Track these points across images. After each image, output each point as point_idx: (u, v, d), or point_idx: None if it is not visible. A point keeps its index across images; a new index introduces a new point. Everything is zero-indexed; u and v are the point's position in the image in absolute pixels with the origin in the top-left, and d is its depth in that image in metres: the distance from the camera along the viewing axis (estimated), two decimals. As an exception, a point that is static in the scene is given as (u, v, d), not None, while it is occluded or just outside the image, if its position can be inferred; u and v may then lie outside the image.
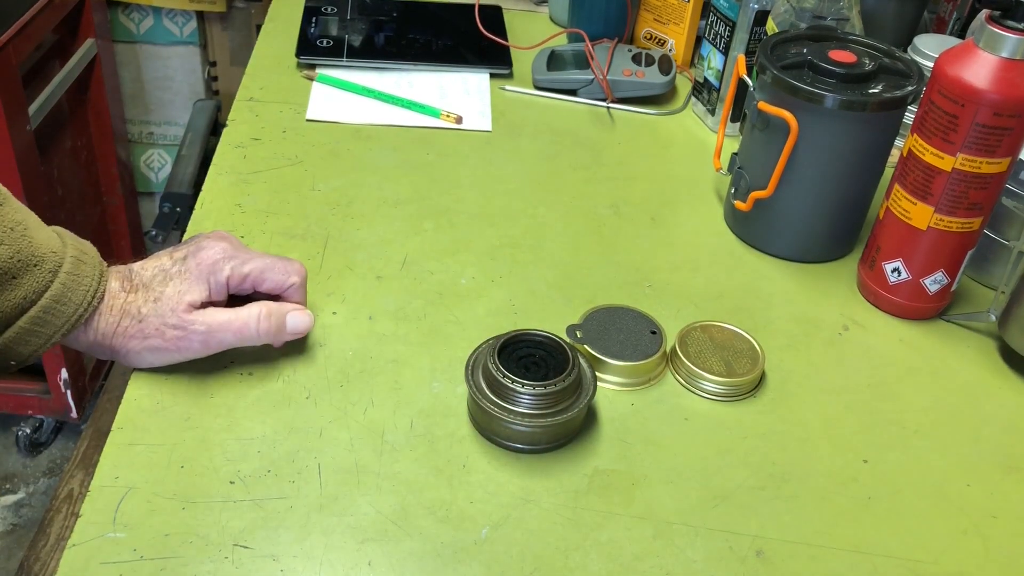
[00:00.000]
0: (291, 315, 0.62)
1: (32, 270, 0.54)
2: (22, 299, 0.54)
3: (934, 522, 0.58)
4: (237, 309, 0.60)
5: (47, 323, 0.55)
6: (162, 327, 0.58)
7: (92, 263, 0.57)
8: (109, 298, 0.58)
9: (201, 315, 0.58)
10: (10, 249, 0.53)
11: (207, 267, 0.59)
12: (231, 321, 0.59)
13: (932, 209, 0.68)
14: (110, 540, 0.51)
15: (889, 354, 0.70)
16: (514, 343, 0.61)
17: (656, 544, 0.54)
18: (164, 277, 0.59)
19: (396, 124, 0.93)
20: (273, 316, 0.60)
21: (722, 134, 0.86)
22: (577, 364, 0.59)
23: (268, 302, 0.61)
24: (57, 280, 0.55)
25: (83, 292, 0.56)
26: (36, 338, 0.55)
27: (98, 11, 1.68)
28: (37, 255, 0.54)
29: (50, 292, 0.55)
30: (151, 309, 0.58)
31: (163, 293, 0.58)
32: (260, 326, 0.60)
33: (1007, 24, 0.62)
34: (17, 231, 0.54)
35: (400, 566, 0.52)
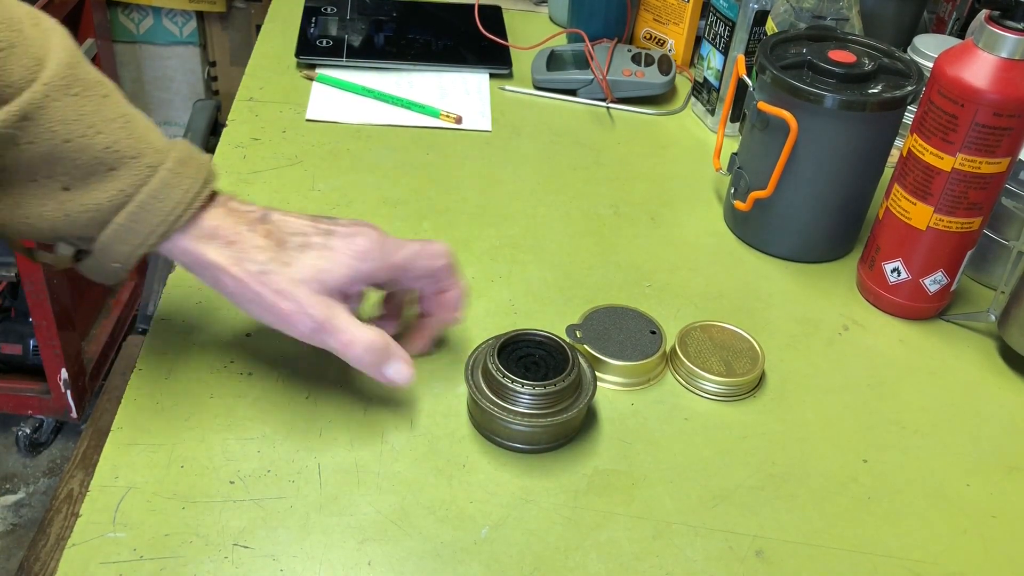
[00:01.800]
0: (396, 362, 0.57)
1: (130, 163, 0.52)
2: (118, 192, 0.51)
3: (934, 522, 0.58)
4: (355, 322, 0.55)
5: (143, 220, 0.52)
6: (280, 292, 0.54)
7: (198, 167, 0.54)
8: (222, 228, 0.54)
9: (323, 305, 0.54)
10: (107, 138, 0.51)
11: (357, 253, 0.55)
12: (343, 331, 0.54)
13: (932, 209, 0.68)
14: (110, 540, 0.52)
15: (889, 354, 0.70)
16: (514, 343, 0.60)
17: (656, 544, 0.55)
18: (303, 242, 0.55)
19: (396, 124, 0.93)
20: (379, 353, 0.56)
21: (722, 134, 0.86)
22: (577, 364, 0.59)
23: (387, 336, 0.56)
24: (156, 176, 0.52)
25: (183, 191, 0.53)
26: (134, 236, 0.52)
27: (98, 11, 1.68)
28: (136, 148, 0.52)
29: (148, 187, 0.52)
30: (277, 268, 0.54)
31: (298, 259, 0.54)
32: (363, 356, 0.55)
33: (1007, 24, 0.62)
34: (117, 122, 0.52)
35: (400, 566, 0.52)
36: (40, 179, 0.51)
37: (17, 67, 0.48)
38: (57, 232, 0.53)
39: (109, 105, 0.52)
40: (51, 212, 0.51)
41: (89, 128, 0.51)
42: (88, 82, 0.51)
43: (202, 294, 0.68)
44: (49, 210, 0.51)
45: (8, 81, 0.48)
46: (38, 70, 0.49)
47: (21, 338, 1.65)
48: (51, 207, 0.51)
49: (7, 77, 0.48)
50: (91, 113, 0.51)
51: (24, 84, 0.48)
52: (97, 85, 0.52)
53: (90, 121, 0.51)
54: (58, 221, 0.52)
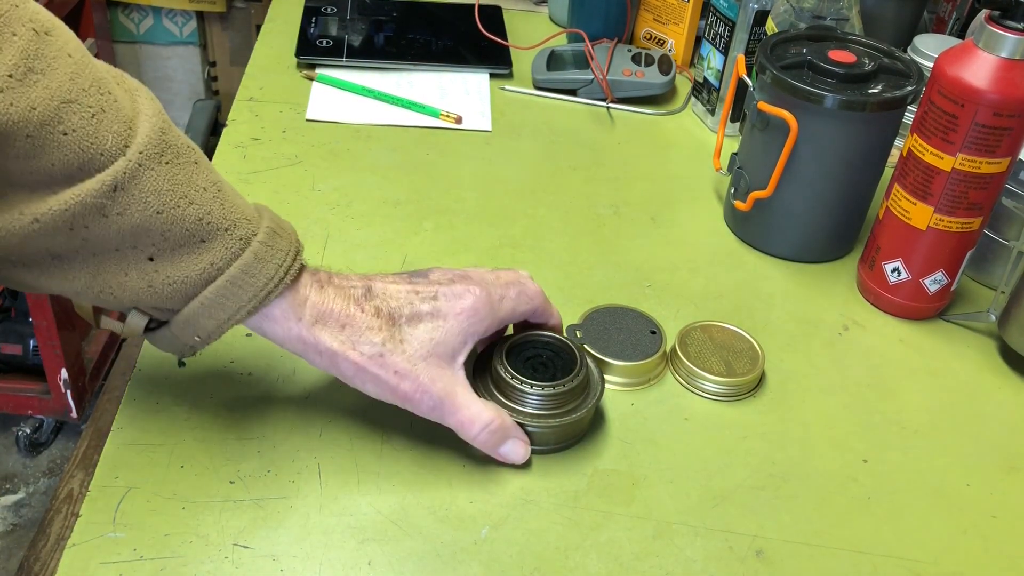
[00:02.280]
0: (512, 442, 0.56)
1: (222, 235, 0.49)
2: (208, 265, 0.49)
3: (934, 522, 0.58)
4: (474, 400, 0.55)
5: (234, 295, 0.50)
6: (399, 372, 0.53)
7: (288, 238, 0.53)
8: (333, 297, 0.53)
9: (442, 382, 0.53)
10: (200, 210, 0.49)
11: (467, 315, 0.54)
12: (462, 409, 0.54)
13: (932, 209, 0.68)
14: (110, 540, 0.52)
15: (889, 354, 0.70)
16: (522, 344, 0.60)
17: (656, 544, 0.55)
18: (413, 314, 0.54)
19: (396, 124, 0.93)
20: (498, 434, 0.55)
21: (722, 134, 0.86)
22: (585, 364, 0.59)
23: (504, 415, 0.56)
24: (249, 249, 0.50)
25: (275, 266, 0.51)
26: (222, 311, 0.50)
27: (98, 11, 1.68)
28: (229, 219, 0.50)
29: (240, 261, 0.50)
30: (393, 348, 0.53)
31: (411, 335, 0.53)
32: (480, 435, 0.55)
33: (1007, 24, 0.62)
34: (210, 191, 0.50)
35: (400, 566, 0.52)
36: (125, 249, 0.48)
37: (109, 133, 0.46)
38: (138, 302, 0.51)
39: (200, 173, 0.50)
40: (134, 282, 0.49)
41: (182, 199, 0.48)
42: (180, 149, 0.49)
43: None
44: (132, 280, 0.49)
45: (101, 148, 0.45)
46: (130, 136, 0.47)
47: (21, 338, 1.65)
48: (134, 277, 0.49)
49: (100, 144, 0.45)
50: (183, 182, 0.49)
51: (116, 151, 0.46)
52: (188, 151, 0.50)
53: (183, 191, 0.48)
54: (141, 291, 0.49)
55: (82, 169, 0.45)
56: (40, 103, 0.43)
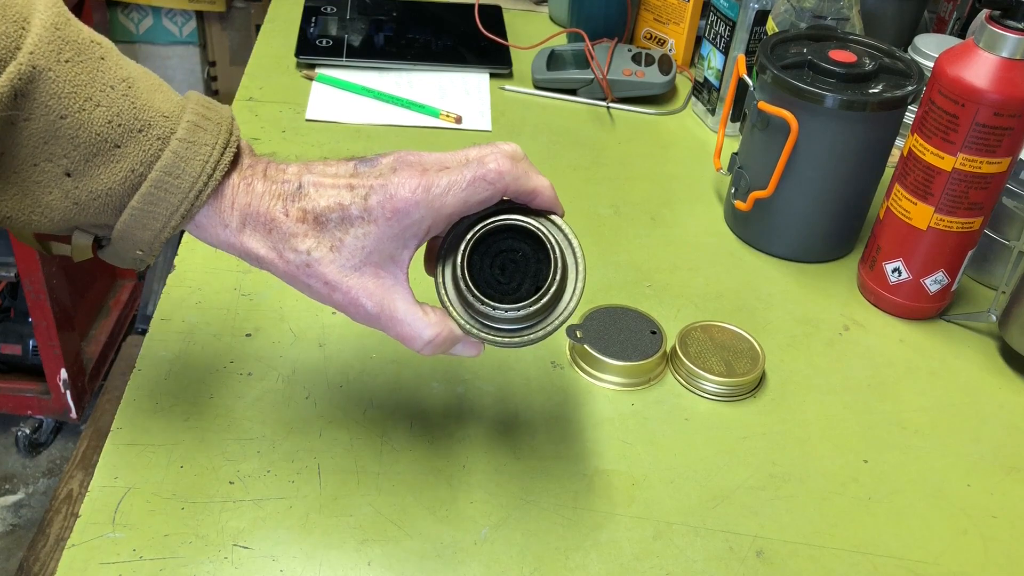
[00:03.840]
0: (462, 346, 0.52)
1: (136, 137, 0.45)
2: (129, 172, 0.45)
3: (934, 522, 0.58)
4: (415, 312, 0.49)
5: (162, 200, 0.46)
6: (329, 283, 0.48)
7: (216, 128, 0.48)
8: (261, 195, 0.48)
9: (379, 293, 0.48)
10: (107, 112, 0.45)
11: (400, 220, 0.47)
12: (402, 323, 0.49)
13: (932, 209, 0.68)
14: (110, 540, 0.51)
15: (889, 354, 0.70)
16: (487, 237, 0.50)
17: (656, 544, 0.54)
18: (343, 218, 0.47)
19: (396, 124, 0.93)
20: (443, 346, 0.50)
21: (722, 134, 0.86)
22: (561, 263, 0.49)
23: (446, 323, 0.50)
24: (168, 148, 0.46)
25: (200, 163, 0.46)
26: (153, 220, 0.46)
27: (98, 11, 1.68)
28: (142, 119, 0.45)
29: (160, 163, 0.45)
30: (321, 256, 0.47)
31: (342, 241, 0.47)
32: (424, 350, 0.50)
33: (1007, 24, 0.62)
34: (118, 89, 0.45)
35: (400, 566, 0.52)
36: (40, 163, 0.44)
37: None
38: (70, 221, 0.47)
39: (106, 70, 0.45)
40: (58, 201, 0.45)
41: (87, 101, 0.44)
42: (80, 45, 0.44)
43: (202, 294, 0.68)
44: (56, 199, 0.45)
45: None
46: (21, 36, 0.42)
47: (21, 338, 1.65)
48: (57, 195, 0.45)
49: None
50: (87, 83, 0.44)
51: (7, 55, 0.42)
52: (91, 47, 0.45)
53: (87, 92, 0.44)
54: (69, 210, 0.46)
55: None
56: None
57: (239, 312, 0.67)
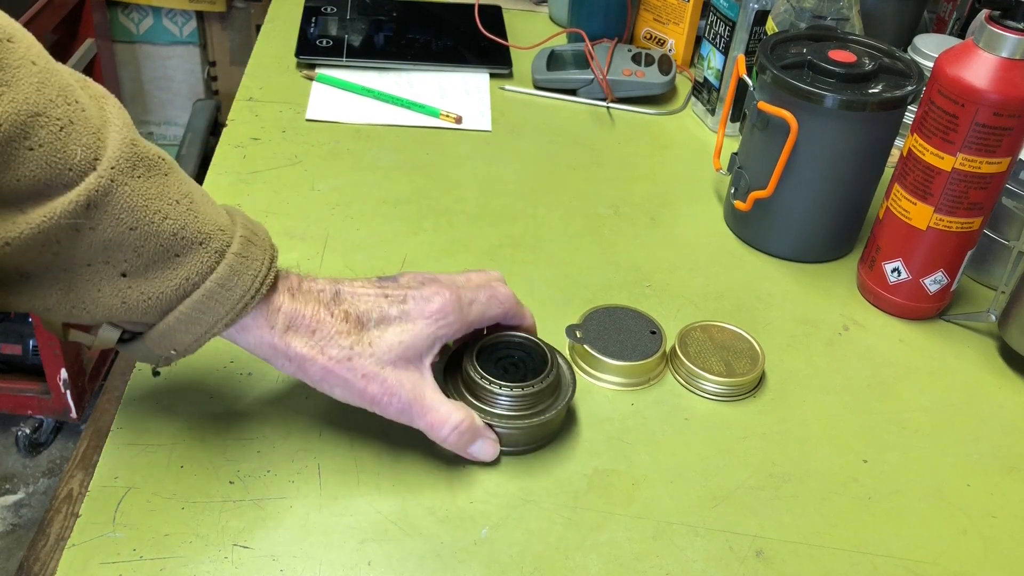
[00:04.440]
0: (482, 441, 0.56)
1: (197, 249, 0.48)
2: (184, 280, 0.48)
3: (934, 522, 0.58)
4: (442, 401, 0.54)
5: (210, 310, 0.49)
6: (367, 376, 0.52)
7: (263, 245, 0.52)
8: (304, 303, 0.52)
9: (410, 383, 0.53)
10: (174, 224, 0.47)
11: (435, 318, 0.54)
12: (431, 411, 0.54)
13: (932, 209, 0.68)
14: (110, 540, 0.51)
15: (889, 354, 0.70)
16: (493, 345, 0.60)
17: (656, 544, 0.54)
18: (382, 318, 0.53)
19: (396, 124, 0.93)
20: (467, 435, 0.55)
21: (722, 134, 0.86)
22: (556, 366, 0.59)
23: (473, 415, 0.56)
24: (224, 262, 0.49)
25: (251, 277, 0.50)
26: (198, 325, 0.49)
27: (98, 11, 1.68)
28: (203, 232, 0.49)
29: (215, 275, 0.49)
30: (361, 351, 0.52)
31: (379, 339, 0.53)
32: (450, 436, 0.55)
33: (1007, 24, 0.62)
34: (183, 204, 0.48)
35: (400, 566, 0.52)
36: (97, 264, 0.47)
37: (77, 146, 0.43)
38: (111, 318, 0.49)
39: (171, 185, 0.48)
40: (106, 298, 0.47)
41: (156, 213, 0.47)
42: (151, 161, 0.47)
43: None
44: (105, 296, 0.47)
45: (69, 163, 0.43)
46: (99, 149, 0.45)
47: (21, 338, 1.65)
48: (107, 293, 0.47)
49: (68, 159, 0.43)
50: (157, 197, 0.47)
51: (86, 166, 0.44)
52: (159, 163, 0.48)
53: (156, 206, 0.47)
54: (115, 308, 0.48)
55: (49, 185, 0.43)
56: (6, 118, 0.41)
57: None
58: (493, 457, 0.57)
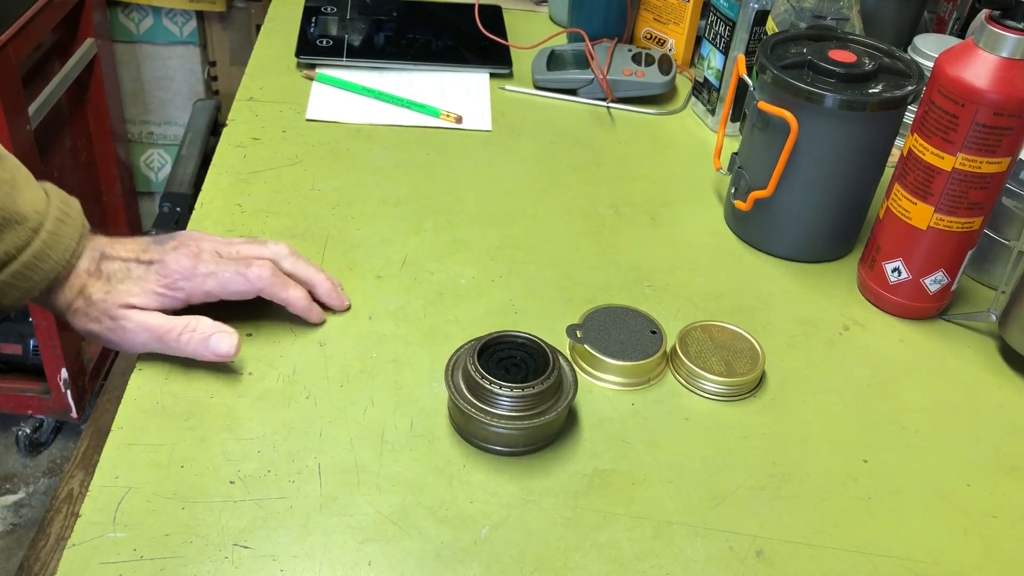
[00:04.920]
0: (215, 336, 0.61)
1: (15, 227, 0.57)
2: (3, 254, 0.57)
3: (934, 522, 0.58)
4: (169, 317, 0.61)
5: (26, 278, 0.58)
6: (101, 315, 0.61)
7: (74, 224, 0.61)
8: (74, 276, 0.61)
9: (135, 314, 0.61)
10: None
11: (166, 283, 0.61)
12: (157, 326, 0.61)
13: (932, 209, 0.68)
14: (110, 540, 0.51)
15: (889, 354, 0.70)
16: (495, 345, 0.60)
17: (656, 544, 0.54)
18: (125, 274, 0.62)
19: (396, 124, 0.93)
20: (197, 332, 0.61)
21: (722, 134, 0.86)
22: (558, 366, 0.59)
23: (200, 317, 0.62)
24: (38, 239, 0.58)
25: (62, 251, 0.60)
26: (15, 291, 0.59)
27: (98, 11, 1.68)
28: (21, 213, 0.58)
29: (30, 249, 0.58)
30: (101, 297, 0.61)
31: (116, 288, 0.61)
32: (181, 337, 0.61)
33: (1007, 24, 0.62)
34: (3, 190, 0.57)
35: (400, 566, 0.52)
36: None
37: None
38: None
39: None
40: None
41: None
42: None
43: (202, 294, 0.68)
44: None
45: None
46: None
47: (21, 338, 1.65)
48: None
49: None
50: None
51: None
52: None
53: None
54: None
55: None
56: None
57: (239, 312, 0.67)
58: (230, 349, 0.61)
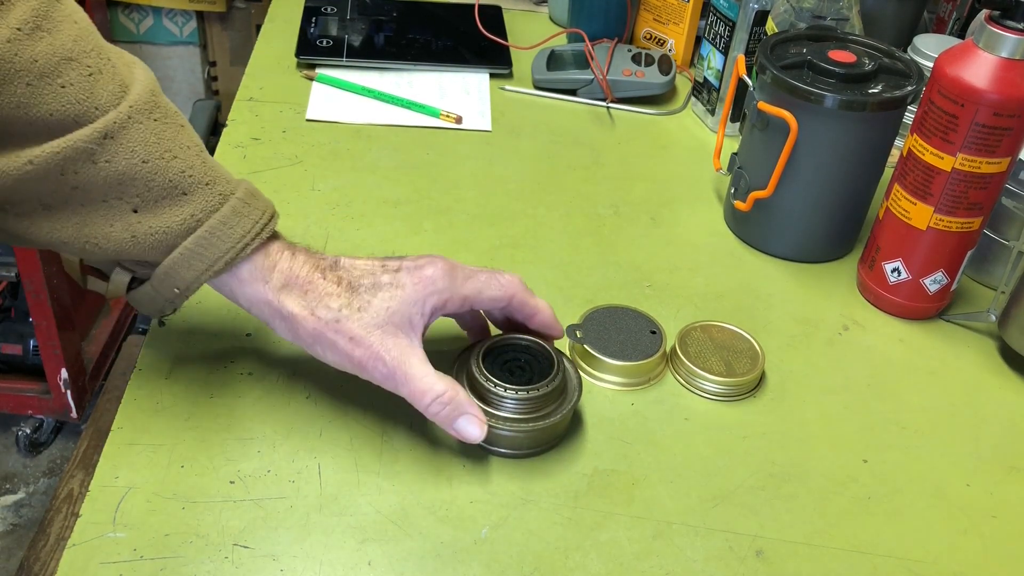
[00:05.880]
0: (465, 418, 0.55)
1: (203, 189, 0.53)
2: (188, 216, 0.53)
3: (934, 522, 0.58)
4: (428, 371, 0.54)
5: (212, 246, 0.53)
6: (354, 339, 0.53)
7: (265, 203, 0.56)
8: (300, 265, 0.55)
9: (396, 350, 0.54)
10: (183, 163, 0.53)
11: (425, 285, 0.55)
12: (415, 379, 0.54)
13: (932, 209, 0.68)
14: (110, 540, 0.52)
15: (889, 354, 0.70)
16: (499, 347, 0.60)
17: (656, 544, 0.55)
18: (374, 284, 0.55)
19: (396, 124, 0.93)
20: (450, 407, 0.54)
21: (722, 134, 0.86)
22: (562, 369, 0.59)
23: (459, 387, 0.55)
24: (227, 204, 0.54)
25: (252, 221, 0.54)
26: (200, 261, 0.53)
27: (98, 11, 1.68)
28: (210, 176, 0.54)
29: (219, 214, 0.53)
30: (350, 315, 0.54)
31: (369, 303, 0.54)
32: (432, 406, 0.54)
33: (1007, 24, 0.62)
34: (193, 150, 0.54)
35: (400, 566, 0.52)
36: (111, 200, 0.51)
37: (104, 91, 0.50)
38: (121, 254, 0.53)
39: (186, 134, 0.54)
40: (118, 233, 0.52)
41: (167, 152, 0.52)
42: (168, 111, 0.53)
43: (202, 294, 0.68)
44: (116, 231, 0.52)
45: (96, 103, 0.50)
46: (123, 96, 0.51)
47: (21, 338, 1.65)
48: (119, 228, 0.52)
49: (95, 99, 0.50)
50: (169, 139, 0.52)
51: (110, 107, 0.50)
52: (176, 115, 0.54)
53: (168, 146, 0.52)
54: (125, 243, 0.52)
55: (77, 121, 0.49)
56: (42, 56, 0.48)
57: (239, 312, 0.66)
58: (479, 437, 0.55)
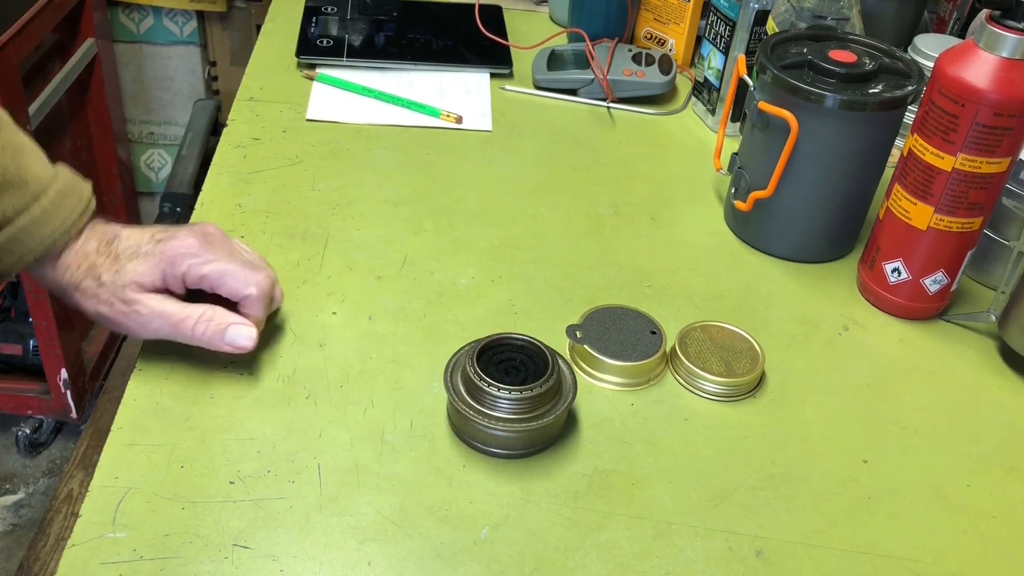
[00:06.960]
0: (233, 327, 0.60)
1: (14, 190, 0.57)
2: (1, 214, 0.56)
3: (934, 522, 0.58)
4: (186, 304, 0.60)
5: (21, 242, 0.57)
6: (112, 298, 0.59)
7: (77, 202, 0.60)
8: (81, 255, 0.60)
9: (149, 298, 0.59)
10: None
11: (168, 258, 0.60)
12: (173, 313, 0.59)
13: (932, 209, 0.68)
14: (110, 540, 0.52)
15: (889, 354, 0.70)
16: (494, 347, 0.60)
17: (656, 544, 0.54)
18: (134, 253, 0.60)
19: (396, 124, 0.93)
20: (213, 322, 0.60)
21: (722, 134, 0.86)
22: (557, 368, 0.59)
23: (216, 307, 0.60)
24: (37, 204, 0.58)
25: (59, 222, 0.58)
26: (9, 256, 0.58)
27: (98, 11, 1.68)
28: (23, 177, 0.57)
29: (28, 213, 0.57)
30: (110, 279, 0.60)
31: (124, 268, 0.60)
32: (196, 327, 0.59)
33: (1007, 24, 0.62)
34: (7, 152, 0.57)
35: (400, 566, 0.52)
36: None
37: None
38: None
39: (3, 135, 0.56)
40: None
41: None
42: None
43: (202, 294, 0.68)
44: None
45: None
46: None
47: (21, 338, 1.65)
48: None
49: None
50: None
51: None
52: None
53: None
54: None
55: None
56: None
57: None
58: (248, 343, 0.60)
